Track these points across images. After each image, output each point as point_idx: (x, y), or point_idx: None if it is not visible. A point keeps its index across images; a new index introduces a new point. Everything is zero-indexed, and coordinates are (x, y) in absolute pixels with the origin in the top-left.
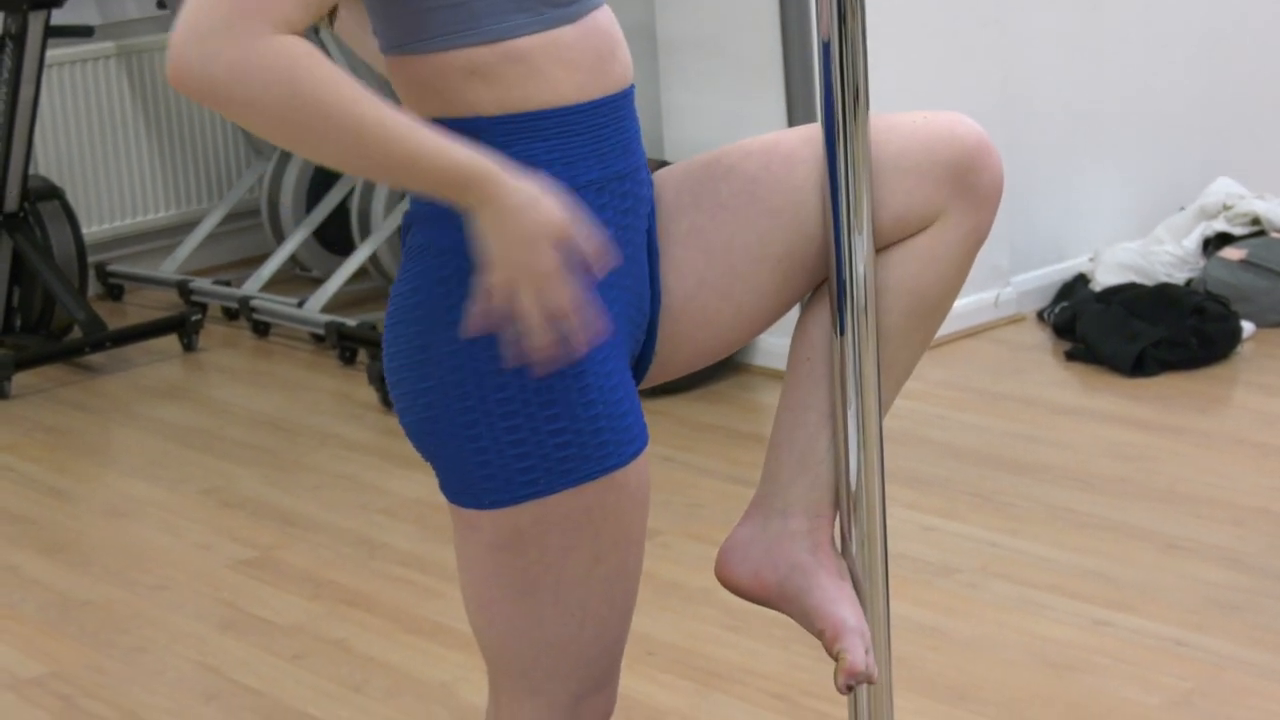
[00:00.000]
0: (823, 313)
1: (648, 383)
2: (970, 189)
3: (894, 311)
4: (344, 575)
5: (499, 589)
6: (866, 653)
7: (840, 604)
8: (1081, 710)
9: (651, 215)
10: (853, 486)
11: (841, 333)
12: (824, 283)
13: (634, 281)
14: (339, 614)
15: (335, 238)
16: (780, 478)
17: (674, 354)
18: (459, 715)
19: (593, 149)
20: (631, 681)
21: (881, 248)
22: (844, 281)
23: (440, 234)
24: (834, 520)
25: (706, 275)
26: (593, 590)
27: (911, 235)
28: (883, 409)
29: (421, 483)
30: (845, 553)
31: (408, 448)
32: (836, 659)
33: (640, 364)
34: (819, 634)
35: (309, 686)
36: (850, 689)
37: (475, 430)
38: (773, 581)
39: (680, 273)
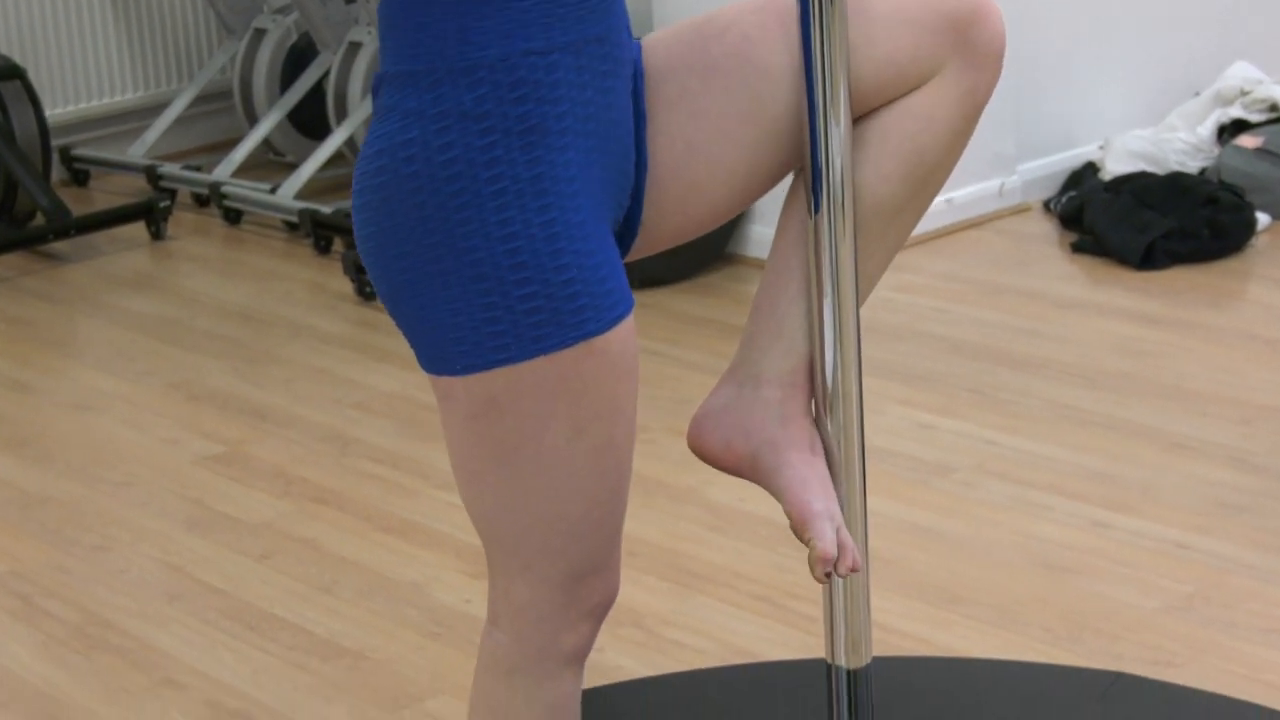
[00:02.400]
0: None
1: (636, 254)
2: (969, 44)
3: (890, 177)
4: (315, 472)
5: (481, 460)
6: (839, 535)
7: (809, 486)
8: (1078, 614)
9: (639, 79)
10: (829, 379)
11: (816, 211)
12: None
13: (617, 145)
14: (309, 512)
15: (310, 120)
16: (756, 343)
17: (662, 223)
18: (432, 616)
19: (571, 11)
20: None
21: (879, 105)
22: (819, 167)
23: (407, 96)
24: (809, 393)
25: (696, 139)
26: (578, 463)
27: (909, 92)
28: (870, 284)
29: (397, 376)
30: (821, 433)
31: (384, 340)
32: (806, 546)
33: (626, 233)
34: (788, 517)
35: (277, 586)
36: (829, 576)
37: (447, 294)
38: (744, 453)
39: (669, 137)
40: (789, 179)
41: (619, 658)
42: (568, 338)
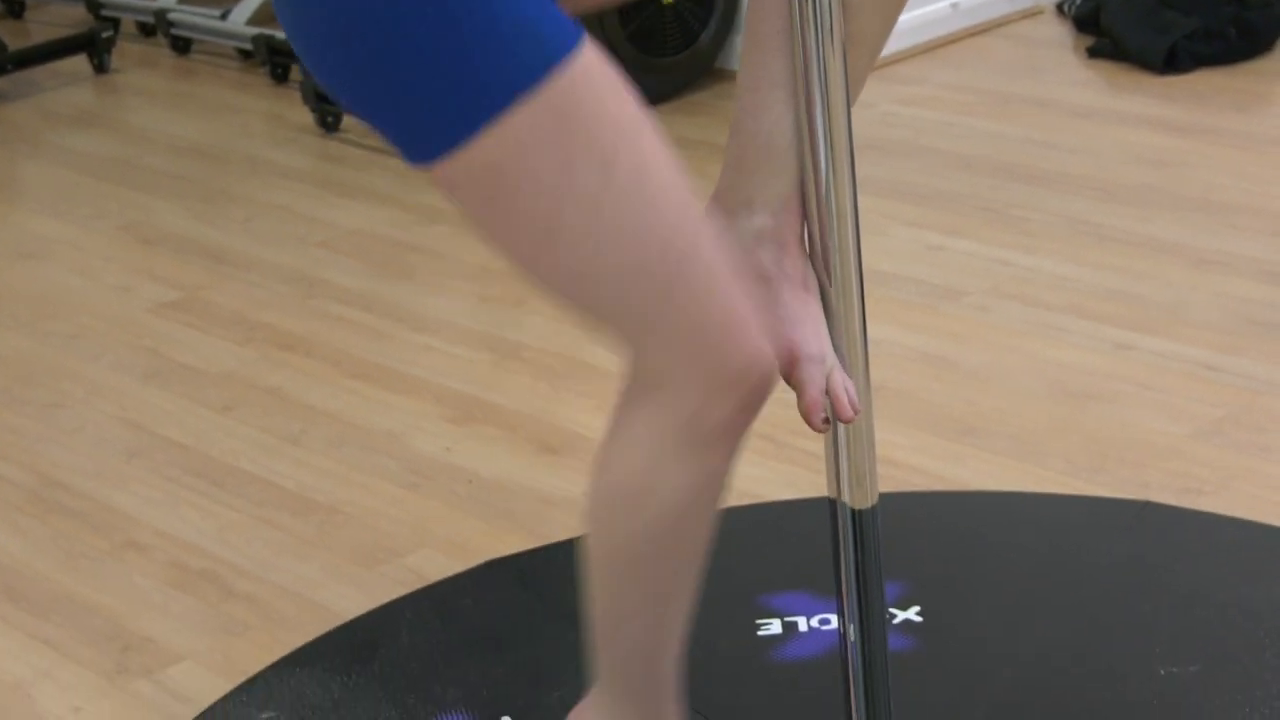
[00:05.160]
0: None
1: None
2: None
3: None
4: (278, 316)
5: (528, 240)
6: (831, 381)
7: (801, 325)
8: (1103, 442)
9: None
10: (823, 192)
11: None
12: None
13: None
14: (273, 359)
15: None
16: (743, 165)
17: None
18: (408, 465)
19: None
20: (601, 425)
21: None
22: None
23: None
24: (802, 219)
25: None
26: (628, 197)
27: None
28: (859, 80)
29: (363, 212)
30: (815, 266)
31: (349, 174)
32: (795, 391)
33: None
34: (776, 358)
35: (241, 439)
36: (827, 423)
37: (396, 68)
38: None
39: None
40: None
41: None
42: (535, 71)
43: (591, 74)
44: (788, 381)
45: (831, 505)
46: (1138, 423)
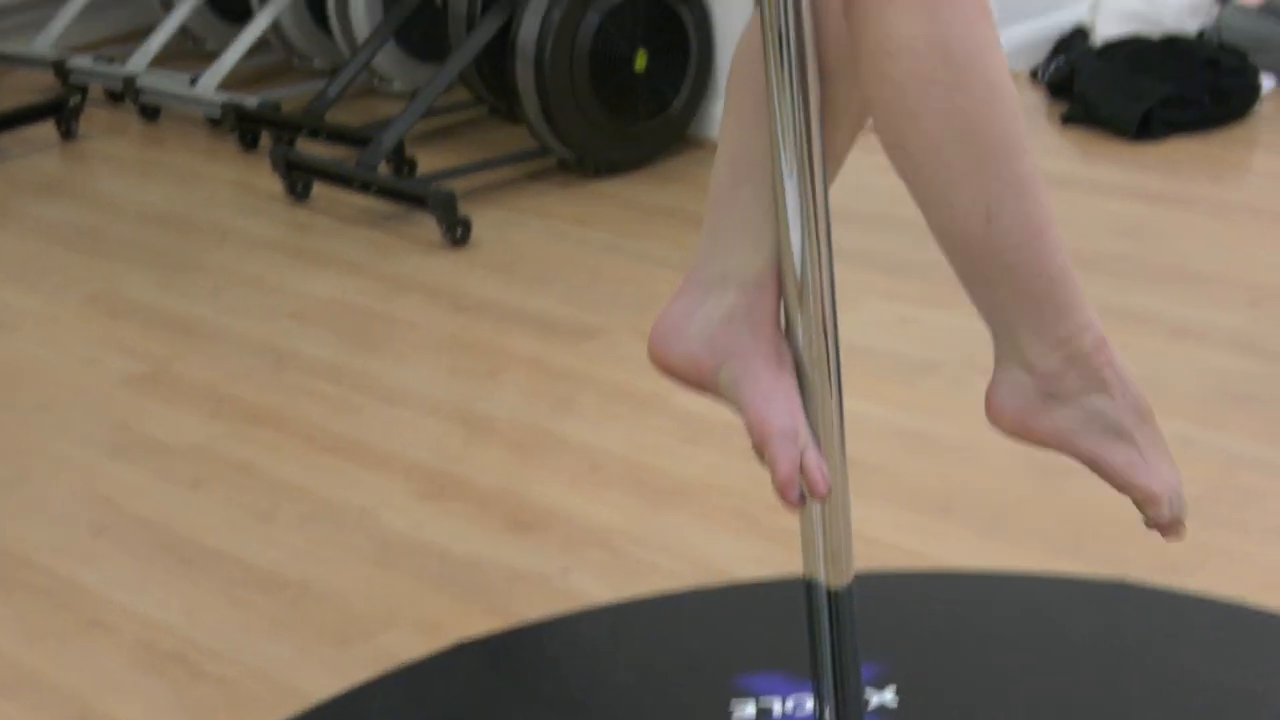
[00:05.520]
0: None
1: None
2: None
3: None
4: (248, 389)
5: None
6: (805, 458)
7: (772, 400)
8: (1079, 518)
9: None
10: (797, 266)
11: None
12: None
13: None
14: (243, 433)
15: (231, 4)
16: (719, 242)
17: None
18: (379, 542)
19: None
20: (574, 500)
21: None
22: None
23: None
24: (778, 296)
25: None
26: None
27: None
28: (837, 163)
29: (335, 281)
30: (790, 341)
31: (319, 242)
32: (767, 468)
33: None
34: (749, 434)
35: (211, 515)
36: (802, 499)
37: None
38: (709, 366)
39: None
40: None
41: (584, 582)
42: None
43: None
44: (761, 458)
45: (807, 584)
46: (1114, 498)
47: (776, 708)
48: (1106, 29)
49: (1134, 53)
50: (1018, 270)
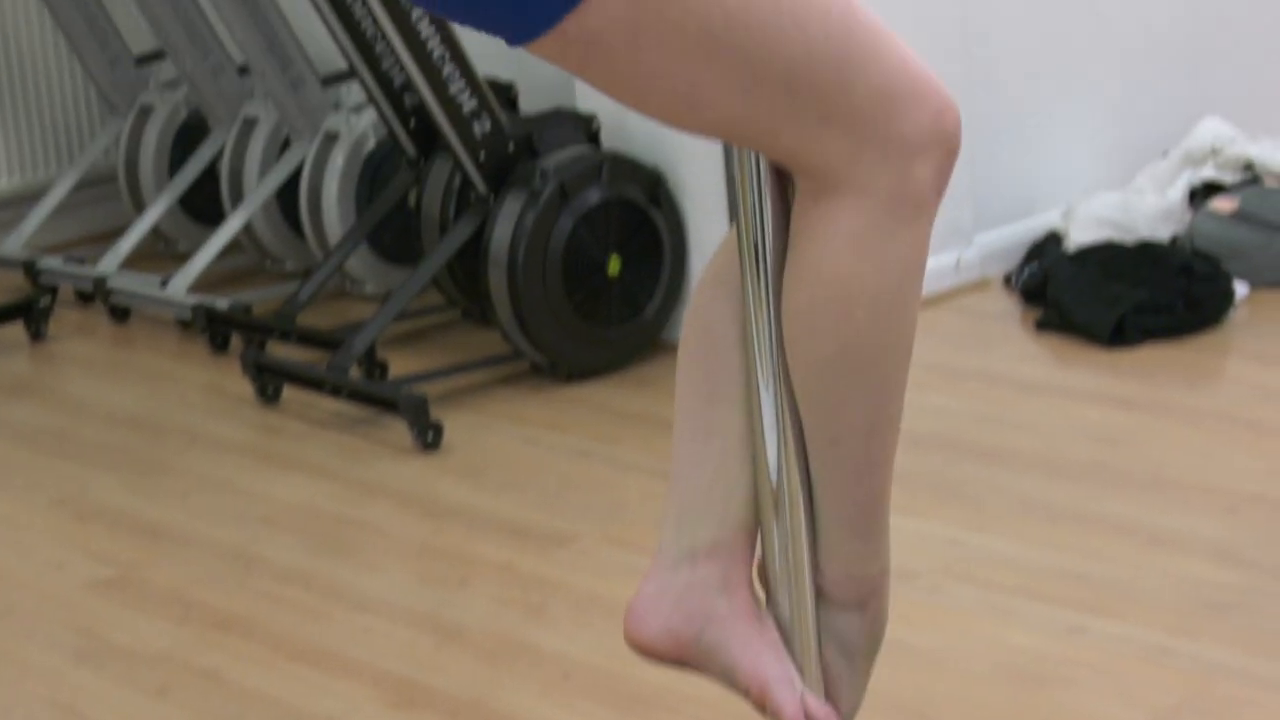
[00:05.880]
0: (723, 307)
1: None
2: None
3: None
4: (216, 595)
5: (687, 66)
6: (806, 702)
7: (761, 654)
8: None
9: None
10: (772, 477)
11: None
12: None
13: None
14: (211, 640)
15: (203, 206)
16: (684, 520)
17: None
18: None
19: None
20: (546, 709)
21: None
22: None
23: None
24: (750, 554)
25: None
26: None
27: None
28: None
29: (304, 486)
30: (769, 586)
31: (288, 446)
32: (772, 718)
33: None
34: (744, 693)
35: None
36: None
37: None
38: (689, 638)
39: None
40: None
41: None
42: None
43: None
44: (760, 709)
45: None
46: (1091, 710)
47: None
48: (1080, 235)
49: (1108, 259)
50: (863, 485)
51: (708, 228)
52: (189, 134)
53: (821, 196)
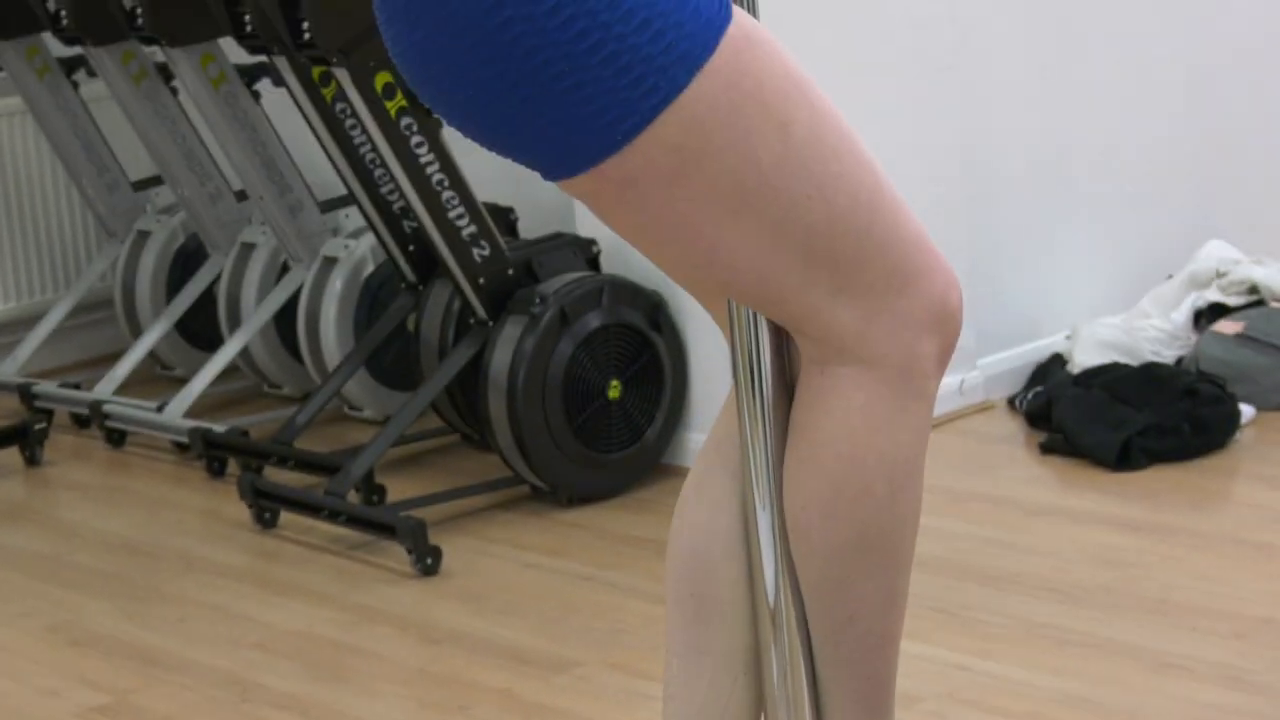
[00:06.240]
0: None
1: None
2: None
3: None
4: None
5: (714, 219)
6: None
7: None
8: None
9: None
10: (770, 596)
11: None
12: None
13: None
14: None
15: (200, 331)
16: None
17: None
18: None
19: None
20: None
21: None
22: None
23: None
24: None
25: None
26: (807, 156)
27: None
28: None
29: (302, 612)
30: (765, 691)
31: (285, 571)
32: None
33: None
34: None
35: None
36: None
37: (558, 69)
38: None
39: None
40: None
41: None
42: (710, 39)
43: (752, 36)
44: None
45: None
46: None
47: None
48: (1084, 357)
49: (1112, 381)
50: (879, 658)
51: (709, 352)
52: (186, 259)
53: (828, 367)
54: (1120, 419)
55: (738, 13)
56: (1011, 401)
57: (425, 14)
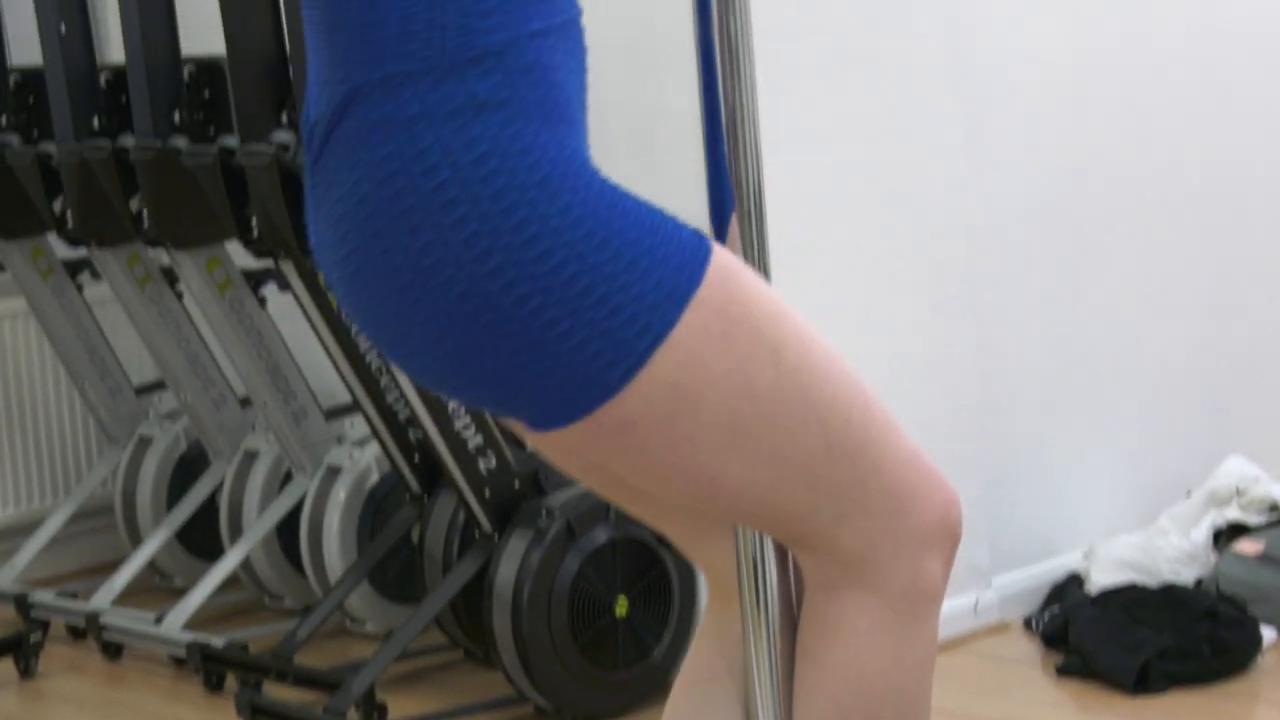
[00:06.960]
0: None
1: None
2: None
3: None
4: None
5: (715, 453)
6: None
7: None
8: None
9: None
10: None
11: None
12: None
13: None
14: None
15: (201, 540)
16: None
17: None
18: None
19: None
20: None
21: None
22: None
23: (405, 101)
24: None
25: None
26: (801, 379)
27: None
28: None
29: None
30: None
31: None
32: None
33: None
34: None
35: None
36: None
37: (551, 315)
38: None
39: None
40: None
41: None
42: (696, 270)
43: (730, 265)
44: None
45: None
46: None
47: None
48: (1102, 577)
49: (1130, 602)
50: None
51: None
52: (188, 466)
53: (833, 590)
54: (1139, 640)
55: (716, 249)
56: (1027, 622)
57: (406, 264)
